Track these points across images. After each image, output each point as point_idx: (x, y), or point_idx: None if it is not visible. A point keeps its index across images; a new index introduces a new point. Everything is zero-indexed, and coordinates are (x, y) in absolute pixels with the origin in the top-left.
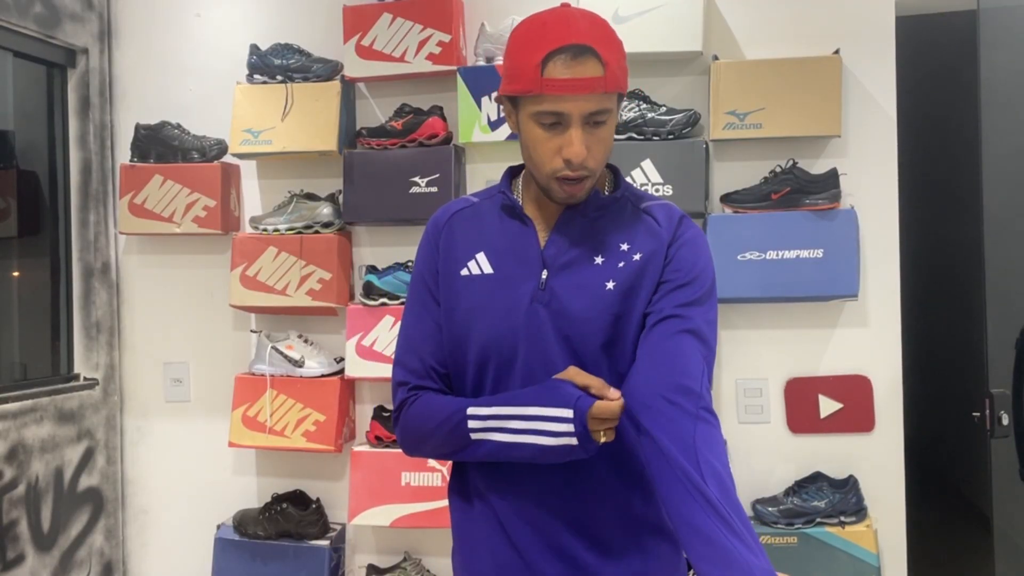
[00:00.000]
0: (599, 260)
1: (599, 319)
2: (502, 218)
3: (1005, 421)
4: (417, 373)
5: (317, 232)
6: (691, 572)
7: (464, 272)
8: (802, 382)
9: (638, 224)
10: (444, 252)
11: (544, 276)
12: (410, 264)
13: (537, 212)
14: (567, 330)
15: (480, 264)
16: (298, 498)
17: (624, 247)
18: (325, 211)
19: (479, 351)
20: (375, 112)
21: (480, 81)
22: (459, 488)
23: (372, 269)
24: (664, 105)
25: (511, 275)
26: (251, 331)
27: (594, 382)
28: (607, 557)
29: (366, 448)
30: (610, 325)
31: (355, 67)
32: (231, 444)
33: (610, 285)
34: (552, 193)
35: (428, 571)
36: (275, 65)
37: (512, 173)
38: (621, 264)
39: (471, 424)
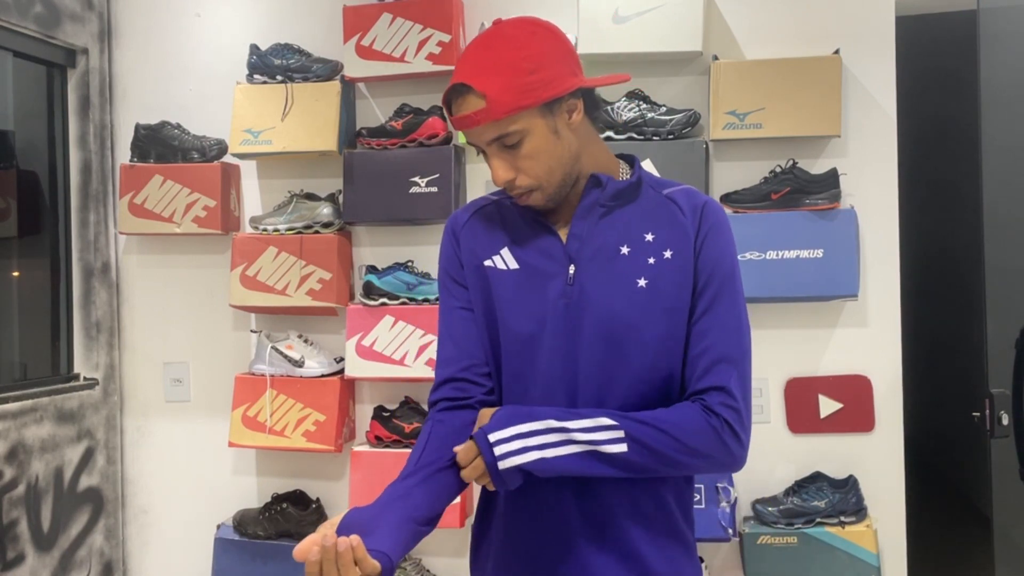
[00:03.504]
0: (625, 250)
1: (631, 318)
2: (522, 214)
3: (1005, 421)
4: (449, 362)
5: (317, 232)
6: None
7: (488, 263)
8: (802, 382)
9: (660, 212)
10: (465, 246)
11: (572, 271)
12: (410, 264)
13: (555, 207)
14: (599, 327)
15: (505, 259)
16: (298, 498)
17: (649, 238)
18: (325, 211)
19: (502, 346)
20: (375, 112)
21: None
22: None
23: (372, 269)
24: (664, 105)
25: (537, 270)
26: (251, 331)
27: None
28: (617, 556)
29: (366, 448)
30: (644, 324)
31: (355, 67)
32: (231, 444)
33: (642, 282)
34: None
35: (428, 571)
36: (275, 65)
37: None
38: (651, 260)
39: None
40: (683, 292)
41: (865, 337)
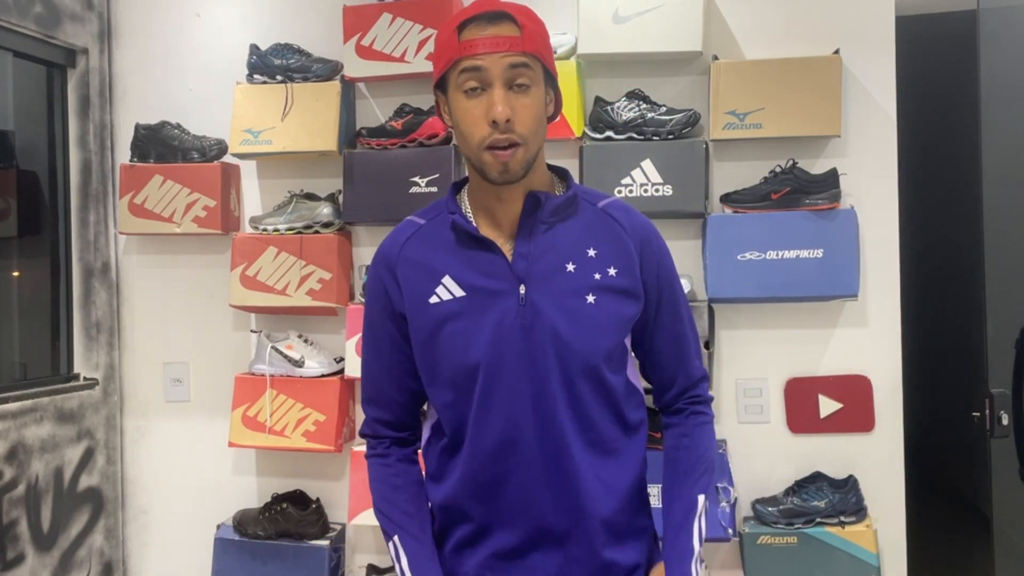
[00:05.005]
0: (571, 267)
1: (585, 335)
2: (458, 238)
3: (1005, 421)
4: (378, 404)
5: (317, 232)
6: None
7: (434, 300)
8: (802, 382)
9: (599, 228)
10: (405, 284)
11: (523, 291)
12: None
13: (492, 225)
14: (555, 345)
15: (449, 288)
16: (298, 498)
17: (592, 253)
18: (325, 211)
19: (462, 374)
20: (375, 112)
21: None
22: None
23: None
24: (664, 105)
25: (485, 292)
26: (251, 331)
27: None
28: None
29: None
30: (596, 339)
31: (355, 67)
32: (231, 444)
33: (590, 299)
34: (487, 169)
35: None
36: (275, 65)
37: (456, 188)
38: (597, 276)
39: (391, 545)
40: (631, 307)
41: (865, 337)
